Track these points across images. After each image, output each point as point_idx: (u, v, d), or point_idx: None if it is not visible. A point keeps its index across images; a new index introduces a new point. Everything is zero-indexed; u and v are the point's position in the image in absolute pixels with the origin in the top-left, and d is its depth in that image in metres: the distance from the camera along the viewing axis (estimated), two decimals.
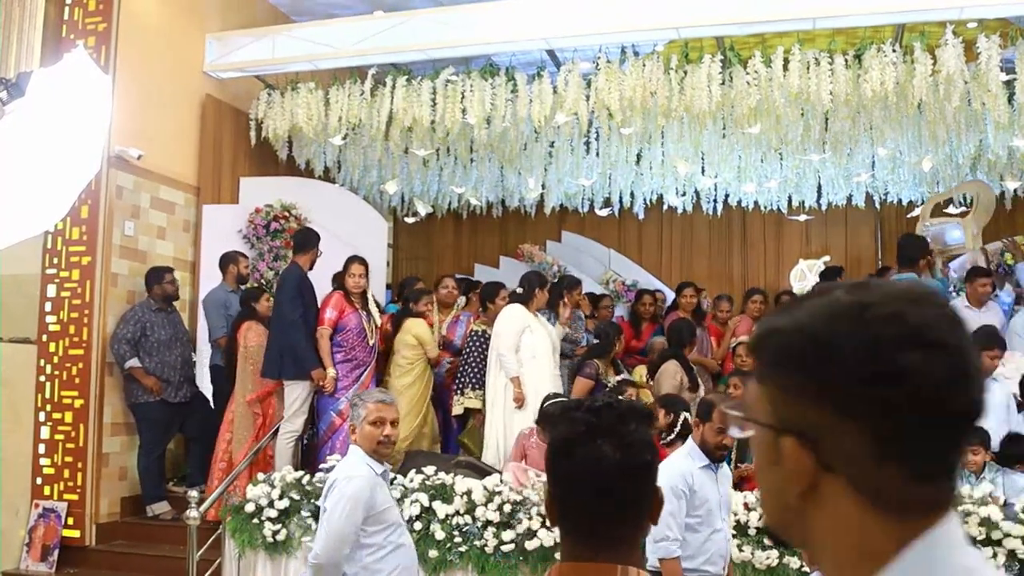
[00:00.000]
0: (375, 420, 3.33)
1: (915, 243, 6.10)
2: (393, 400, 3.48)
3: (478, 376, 6.40)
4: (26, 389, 6.22)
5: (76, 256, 6.33)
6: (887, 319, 0.80)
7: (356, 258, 6.30)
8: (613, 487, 1.41)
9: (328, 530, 3.21)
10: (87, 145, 2.67)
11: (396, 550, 3.30)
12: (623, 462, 1.40)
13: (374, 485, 3.26)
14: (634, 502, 1.43)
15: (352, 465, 3.33)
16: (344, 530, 3.17)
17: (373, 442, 3.33)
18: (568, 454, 1.44)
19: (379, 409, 3.35)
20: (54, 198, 2.65)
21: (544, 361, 6.06)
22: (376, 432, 3.33)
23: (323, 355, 6.07)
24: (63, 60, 2.69)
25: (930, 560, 0.79)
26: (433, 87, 6.81)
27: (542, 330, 6.15)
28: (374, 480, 3.28)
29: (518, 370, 5.97)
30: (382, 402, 3.39)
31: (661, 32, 6.41)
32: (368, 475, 3.26)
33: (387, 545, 3.26)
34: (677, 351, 6.45)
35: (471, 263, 10.91)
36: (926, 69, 5.85)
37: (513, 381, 5.99)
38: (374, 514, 3.24)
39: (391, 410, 3.39)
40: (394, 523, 3.33)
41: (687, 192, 9.20)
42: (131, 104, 6.44)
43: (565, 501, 1.45)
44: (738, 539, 4.62)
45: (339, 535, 3.18)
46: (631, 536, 1.44)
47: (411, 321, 6.39)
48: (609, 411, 1.45)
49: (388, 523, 3.29)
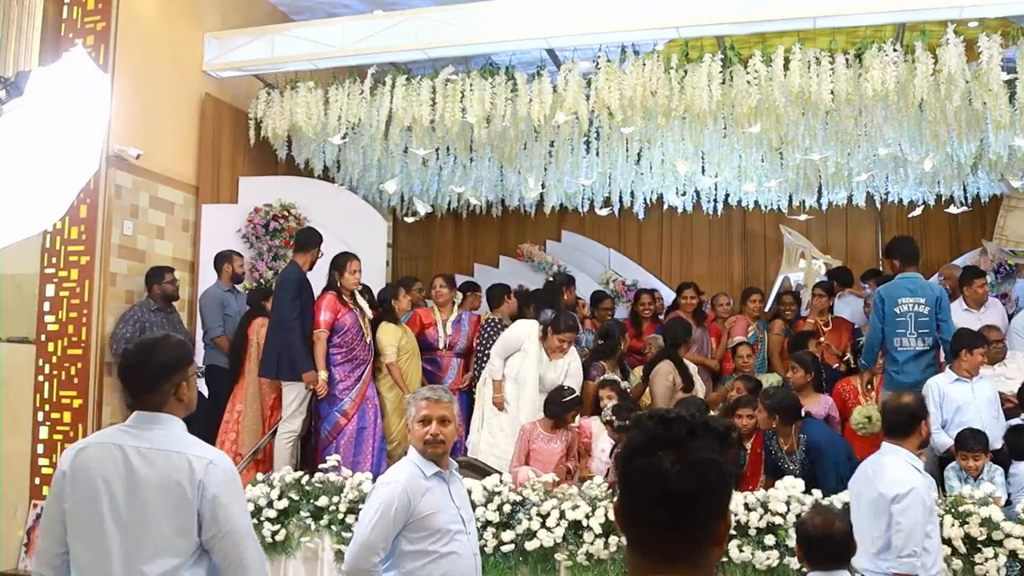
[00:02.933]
0: (423, 418, 3.20)
1: (914, 243, 6.19)
2: (443, 396, 3.29)
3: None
4: (25, 389, 6.21)
5: (75, 256, 6.31)
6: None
7: (352, 255, 6.30)
8: (669, 502, 1.36)
9: (356, 539, 3.08)
10: (86, 144, 2.65)
11: (441, 559, 3.08)
12: (681, 477, 1.35)
13: (416, 490, 3.08)
14: (692, 520, 1.37)
15: (396, 469, 3.18)
16: (370, 539, 3.02)
17: (421, 441, 3.19)
18: (630, 462, 1.41)
19: (427, 406, 3.20)
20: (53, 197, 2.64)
21: (525, 385, 6.06)
22: (423, 431, 3.18)
23: (318, 357, 6.04)
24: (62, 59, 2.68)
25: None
26: (433, 86, 6.80)
27: (534, 364, 6.07)
28: (417, 484, 3.10)
29: (499, 375, 6.11)
30: (429, 399, 3.23)
31: (661, 31, 6.40)
32: (408, 480, 3.09)
33: (432, 553, 3.07)
34: (671, 351, 6.45)
35: (471, 263, 10.89)
36: (927, 68, 5.84)
37: (494, 384, 6.13)
38: (414, 521, 3.05)
39: (439, 407, 3.22)
40: (441, 530, 3.11)
41: (687, 192, 9.18)
42: (130, 103, 6.43)
43: (627, 510, 1.42)
44: (738, 539, 4.61)
45: (366, 544, 3.03)
46: (692, 556, 1.38)
47: (381, 326, 6.41)
48: (679, 424, 1.39)
49: (432, 530, 3.09)
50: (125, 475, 2.48)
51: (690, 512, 1.36)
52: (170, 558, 2.46)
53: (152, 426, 2.55)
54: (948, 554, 4.37)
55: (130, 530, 2.46)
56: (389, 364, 6.29)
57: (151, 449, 2.51)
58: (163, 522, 2.46)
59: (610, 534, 4.74)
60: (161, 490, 2.47)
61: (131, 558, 2.44)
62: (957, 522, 4.42)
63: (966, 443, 5.05)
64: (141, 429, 2.56)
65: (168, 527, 2.46)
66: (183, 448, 2.53)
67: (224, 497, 2.50)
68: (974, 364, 5.54)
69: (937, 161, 7.70)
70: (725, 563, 4.59)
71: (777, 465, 5.35)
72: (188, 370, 2.64)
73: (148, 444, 2.52)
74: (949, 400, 5.49)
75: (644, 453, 1.38)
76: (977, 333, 5.77)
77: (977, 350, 5.54)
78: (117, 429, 2.63)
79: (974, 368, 5.54)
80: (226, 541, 2.50)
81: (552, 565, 4.87)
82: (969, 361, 5.54)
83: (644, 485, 1.38)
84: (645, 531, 1.40)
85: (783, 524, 4.60)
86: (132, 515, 2.46)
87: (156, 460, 2.50)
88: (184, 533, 2.47)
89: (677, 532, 1.37)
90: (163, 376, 2.56)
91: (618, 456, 1.45)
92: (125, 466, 2.49)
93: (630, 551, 1.43)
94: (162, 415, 2.57)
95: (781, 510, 4.62)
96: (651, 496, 1.37)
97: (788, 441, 5.31)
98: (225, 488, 2.52)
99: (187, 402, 2.63)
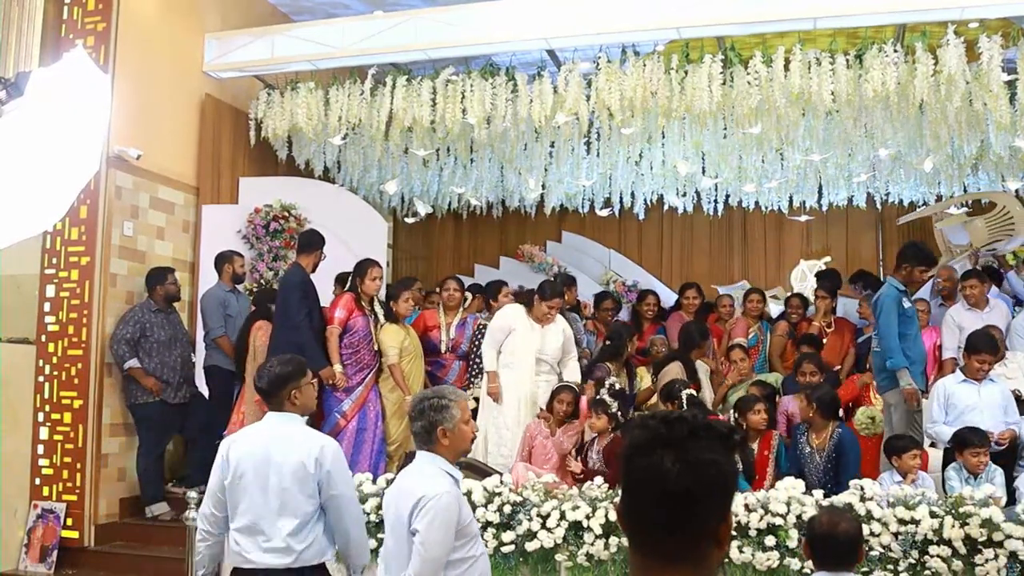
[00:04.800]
0: (468, 418, 3.18)
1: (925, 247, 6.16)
2: (463, 396, 3.30)
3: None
4: (25, 390, 6.21)
5: (75, 256, 6.31)
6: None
7: (374, 262, 6.31)
8: (668, 502, 1.35)
9: (425, 557, 2.97)
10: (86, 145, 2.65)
11: (477, 562, 3.10)
12: (681, 477, 1.34)
13: (460, 499, 3.08)
14: (692, 521, 1.36)
15: (436, 480, 3.07)
16: (440, 555, 2.98)
17: (468, 441, 3.18)
18: (631, 461, 1.40)
19: (465, 406, 3.19)
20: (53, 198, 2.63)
21: (521, 365, 6.10)
22: (470, 430, 3.18)
23: (332, 352, 6.07)
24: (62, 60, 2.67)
25: None
26: (433, 87, 6.80)
27: (529, 335, 6.16)
28: (458, 492, 3.09)
29: (493, 366, 6.16)
30: (464, 399, 3.23)
31: (661, 32, 6.40)
32: (453, 489, 3.06)
33: (469, 559, 3.07)
34: (684, 354, 6.46)
35: (471, 263, 10.90)
36: (927, 69, 5.84)
37: (488, 376, 6.18)
38: (460, 528, 3.05)
39: (467, 406, 3.25)
40: (474, 534, 3.13)
41: (688, 192, 9.18)
42: (130, 104, 6.43)
43: (628, 510, 1.41)
44: (738, 540, 4.61)
45: (437, 561, 2.98)
46: (693, 557, 1.37)
47: (383, 327, 6.38)
48: (681, 424, 1.38)
49: (471, 535, 3.10)
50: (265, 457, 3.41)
51: (690, 512, 1.35)
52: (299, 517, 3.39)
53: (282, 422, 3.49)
54: (948, 555, 4.37)
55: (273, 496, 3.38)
56: (391, 366, 6.29)
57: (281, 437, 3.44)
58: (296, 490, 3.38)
59: (610, 535, 4.74)
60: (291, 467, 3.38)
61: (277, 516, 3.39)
62: (957, 523, 4.42)
63: (968, 440, 5.03)
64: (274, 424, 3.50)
65: (299, 493, 3.38)
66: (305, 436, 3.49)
67: (334, 471, 3.41)
68: (971, 370, 5.50)
69: (938, 162, 7.70)
70: (725, 563, 4.58)
71: (800, 465, 5.35)
72: (301, 381, 3.53)
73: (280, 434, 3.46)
74: (955, 401, 5.48)
75: (645, 452, 1.38)
76: (987, 338, 5.67)
77: (975, 357, 5.47)
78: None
79: (972, 374, 5.51)
80: (335, 502, 3.42)
81: (552, 566, 4.87)
82: (968, 366, 5.53)
83: (644, 485, 1.38)
84: (646, 531, 1.39)
85: (783, 525, 4.59)
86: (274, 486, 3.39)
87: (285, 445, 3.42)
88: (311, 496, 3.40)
89: (677, 532, 1.36)
90: (280, 385, 3.50)
91: (621, 456, 1.45)
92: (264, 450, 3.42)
93: (631, 552, 1.43)
94: (287, 414, 3.49)
95: (781, 511, 4.62)
96: (651, 496, 1.37)
97: (820, 436, 5.36)
98: (335, 463, 3.42)
99: (300, 405, 3.54)
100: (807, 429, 5.47)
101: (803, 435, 5.47)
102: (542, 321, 6.17)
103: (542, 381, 6.11)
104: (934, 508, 4.50)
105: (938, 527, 4.41)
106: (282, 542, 3.37)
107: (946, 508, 4.51)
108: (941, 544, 4.38)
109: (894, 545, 4.44)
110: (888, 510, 4.52)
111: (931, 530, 4.41)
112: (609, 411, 5.55)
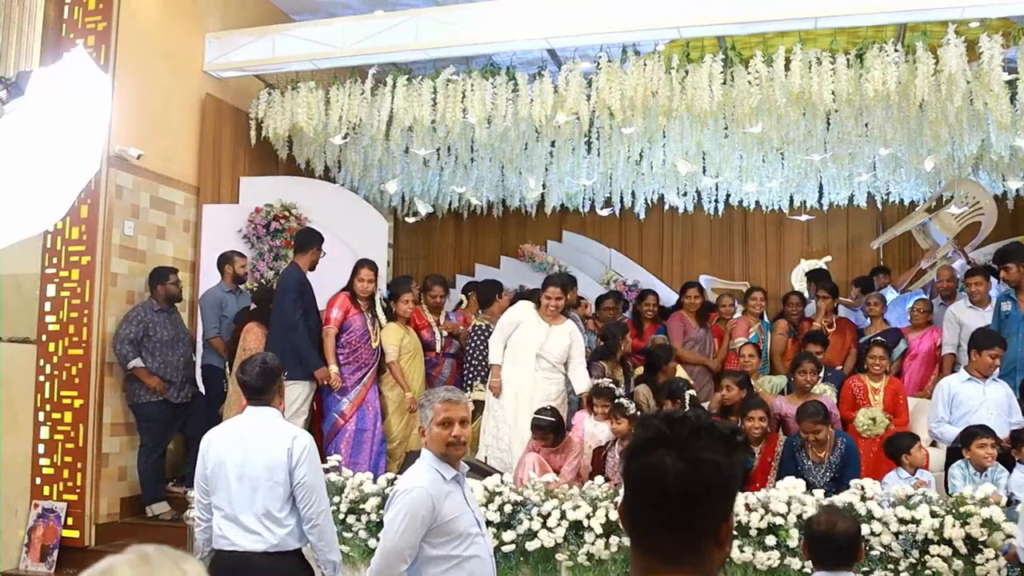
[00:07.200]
0: (443, 420, 3.13)
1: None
2: (461, 398, 3.26)
3: (484, 370, 6.49)
4: (25, 389, 6.21)
5: (76, 256, 6.31)
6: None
7: (366, 262, 6.32)
8: (668, 501, 1.35)
9: (382, 547, 3.04)
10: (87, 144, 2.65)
11: (464, 563, 3.06)
12: (681, 477, 1.34)
13: (438, 494, 3.04)
14: (692, 521, 1.36)
15: (416, 474, 3.12)
16: (399, 547, 2.99)
17: (443, 444, 3.13)
18: (632, 460, 1.40)
19: (447, 408, 3.14)
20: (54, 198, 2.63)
21: (521, 360, 6.10)
22: (445, 433, 3.13)
23: (328, 353, 6.08)
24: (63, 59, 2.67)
25: None
26: (434, 87, 6.80)
27: (534, 331, 6.13)
28: (440, 488, 3.06)
29: (498, 360, 6.15)
30: (449, 400, 3.17)
31: (662, 31, 6.40)
32: (431, 484, 3.05)
33: (455, 558, 3.05)
34: (649, 377, 6.48)
35: (471, 263, 10.90)
36: (928, 69, 5.83)
37: (492, 369, 6.18)
38: (438, 525, 3.03)
39: (459, 408, 3.18)
40: (463, 534, 3.08)
41: (688, 192, 9.18)
42: (131, 103, 6.43)
43: (629, 509, 1.41)
44: (739, 539, 4.61)
45: (394, 552, 3.00)
46: (693, 557, 1.37)
47: (386, 326, 6.41)
48: (683, 423, 1.39)
49: (455, 534, 3.06)
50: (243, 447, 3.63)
51: (690, 512, 1.35)
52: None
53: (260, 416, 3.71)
54: (949, 554, 4.37)
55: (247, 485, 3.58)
56: (390, 363, 6.30)
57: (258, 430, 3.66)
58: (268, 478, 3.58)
59: (611, 534, 4.74)
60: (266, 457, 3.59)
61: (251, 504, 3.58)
62: (958, 522, 4.42)
63: (975, 433, 5.00)
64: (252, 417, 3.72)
65: (272, 481, 3.57)
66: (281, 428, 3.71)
67: (304, 461, 3.58)
68: (984, 365, 5.50)
69: (938, 161, 7.70)
70: (726, 563, 4.58)
71: (800, 474, 5.18)
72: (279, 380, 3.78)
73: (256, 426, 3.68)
74: (959, 400, 5.47)
75: (646, 451, 1.38)
76: (992, 334, 5.68)
77: (987, 351, 5.49)
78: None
79: (985, 369, 5.51)
80: (301, 491, 3.57)
81: (553, 565, 4.87)
82: (980, 361, 5.52)
83: (645, 484, 1.38)
84: (647, 531, 1.39)
85: (784, 524, 4.59)
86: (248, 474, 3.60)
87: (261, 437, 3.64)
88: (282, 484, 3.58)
89: (678, 532, 1.36)
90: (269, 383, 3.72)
91: (623, 455, 1.45)
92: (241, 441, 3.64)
93: (633, 551, 1.43)
94: (265, 408, 3.71)
95: (782, 510, 4.62)
96: (651, 495, 1.37)
97: (823, 448, 5.30)
98: (305, 454, 3.59)
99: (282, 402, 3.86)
100: (803, 444, 5.38)
101: (800, 450, 5.40)
102: (549, 320, 6.16)
103: (541, 378, 6.09)
104: (935, 508, 4.50)
105: (939, 527, 4.41)
106: (258, 528, 3.55)
107: (947, 508, 4.51)
108: (942, 544, 4.38)
109: (895, 545, 4.45)
110: (889, 510, 4.52)
111: (932, 530, 4.41)
112: (627, 413, 5.50)
